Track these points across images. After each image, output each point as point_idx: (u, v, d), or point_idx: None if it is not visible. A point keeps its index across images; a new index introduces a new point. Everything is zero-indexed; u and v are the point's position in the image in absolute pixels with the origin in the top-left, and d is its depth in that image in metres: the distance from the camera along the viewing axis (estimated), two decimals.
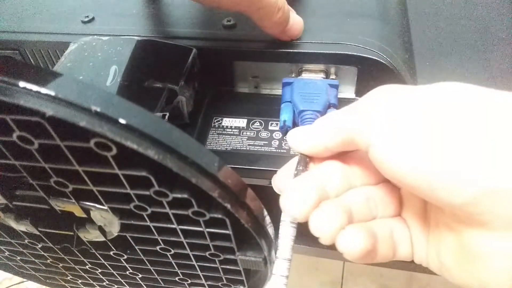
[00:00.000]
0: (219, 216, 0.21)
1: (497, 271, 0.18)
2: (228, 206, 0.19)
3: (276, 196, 0.24)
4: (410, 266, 0.44)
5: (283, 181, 0.24)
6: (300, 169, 0.24)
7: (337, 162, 0.23)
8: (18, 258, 0.33)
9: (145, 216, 0.22)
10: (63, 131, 0.17)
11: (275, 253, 0.23)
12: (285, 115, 0.33)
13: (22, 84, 0.16)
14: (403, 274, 1.08)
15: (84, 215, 0.24)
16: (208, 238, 0.23)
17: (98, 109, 0.16)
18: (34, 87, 0.16)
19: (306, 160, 0.24)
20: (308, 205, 0.21)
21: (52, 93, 0.16)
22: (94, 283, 0.34)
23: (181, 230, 0.23)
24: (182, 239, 0.24)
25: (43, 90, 0.16)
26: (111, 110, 0.16)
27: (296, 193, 0.21)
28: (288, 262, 0.23)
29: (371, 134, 0.20)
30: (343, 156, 0.24)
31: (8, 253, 0.32)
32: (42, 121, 0.16)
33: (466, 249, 0.19)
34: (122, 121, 0.16)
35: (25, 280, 0.46)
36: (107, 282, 0.34)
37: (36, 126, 0.17)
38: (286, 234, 0.23)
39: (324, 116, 0.23)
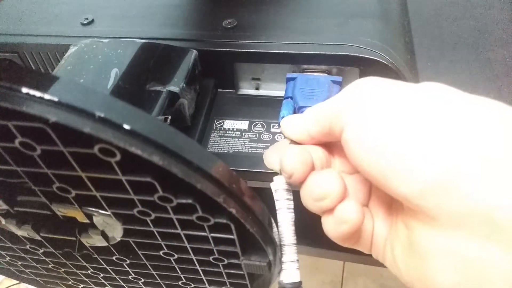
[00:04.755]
0: (224, 221, 0.20)
1: (441, 271, 0.18)
2: (233, 211, 0.19)
3: None
4: None
5: (274, 157, 0.25)
6: None
7: (320, 148, 0.24)
8: (19, 263, 0.32)
9: (148, 221, 0.22)
10: (66, 136, 0.17)
11: (280, 252, 0.23)
12: (285, 111, 0.33)
13: (24, 90, 0.16)
14: None
15: (87, 221, 0.23)
16: (212, 243, 0.23)
17: (102, 115, 0.16)
18: (37, 93, 0.15)
19: None
20: (307, 164, 0.22)
21: (55, 99, 0.16)
22: (96, 287, 0.34)
23: (185, 235, 0.23)
24: (186, 244, 0.23)
25: (46, 96, 0.16)
26: (115, 115, 0.16)
27: (295, 153, 0.22)
28: (294, 247, 0.23)
29: (345, 120, 0.21)
30: (327, 144, 0.25)
31: (9, 258, 0.32)
32: (45, 127, 0.16)
33: (415, 247, 0.19)
34: (126, 126, 0.16)
35: None
36: (109, 287, 0.33)
37: (39, 132, 0.17)
38: (286, 219, 0.23)
39: (312, 106, 0.24)
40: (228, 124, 0.35)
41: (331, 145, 0.25)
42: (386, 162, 0.18)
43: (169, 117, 0.29)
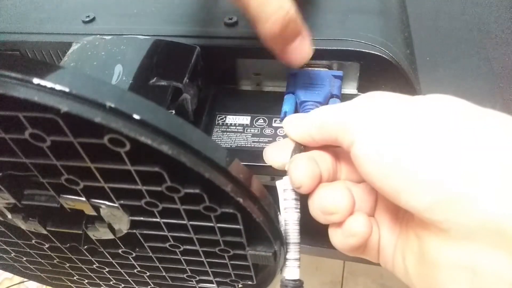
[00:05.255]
0: (231, 211, 0.21)
1: (452, 282, 0.19)
2: (241, 200, 0.19)
3: None
4: None
5: (276, 156, 0.25)
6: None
7: (327, 154, 0.24)
8: (24, 259, 0.32)
9: (155, 212, 0.22)
10: (76, 127, 0.18)
11: (285, 246, 0.24)
12: (286, 107, 0.33)
13: (36, 80, 0.16)
14: None
15: (94, 213, 0.24)
16: (218, 233, 0.23)
17: (113, 105, 0.16)
18: (48, 84, 0.16)
19: (300, 148, 0.25)
20: (316, 177, 0.23)
21: (67, 89, 0.16)
22: (100, 282, 0.34)
23: (192, 226, 0.23)
24: (192, 235, 0.24)
25: (58, 87, 0.16)
26: (125, 106, 0.16)
27: (303, 165, 0.23)
28: (298, 246, 0.24)
29: (355, 134, 0.21)
30: (333, 148, 0.25)
31: (14, 254, 0.32)
32: (56, 117, 0.16)
33: (426, 258, 0.20)
34: (136, 116, 0.16)
35: (25, 280, 0.46)
36: (114, 281, 0.34)
37: (48, 123, 0.17)
38: (292, 219, 0.24)
39: (319, 108, 0.24)
40: (230, 119, 0.36)
41: (338, 151, 0.25)
42: (397, 177, 0.19)
43: (173, 111, 0.30)
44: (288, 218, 0.24)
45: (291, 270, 0.24)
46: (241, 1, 0.25)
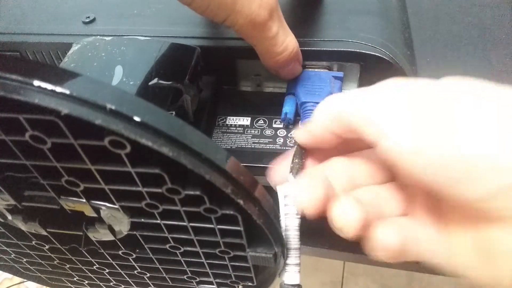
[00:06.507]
0: (231, 212, 0.21)
1: None
2: (241, 202, 0.19)
3: None
4: (410, 266, 0.44)
5: (279, 174, 0.25)
6: (296, 162, 0.24)
7: (342, 159, 0.24)
8: (24, 260, 0.32)
9: (156, 214, 0.22)
10: (76, 129, 0.17)
11: (285, 250, 0.24)
12: (287, 108, 0.33)
13: (36, 82, 0.16)
14: (403, 274, 1.09)
15: (94, 214, 0.24)
16: (218, 235, 0.23)
17: (113, 107, 0.16)
18: (49, 86, 0.16)
19: (302, 153, 0.24)
20: (320, 199, 0.21)
21: (67, 92, 0.16)
22: (100, 283, 0.34)
23: (192, 227, 0.23)
24: (193, 236, 0.24)
25: (58, 89, 0.16)
26: (125, 108, 0.16)
27: (307, 187, 0.22)
28: (298, 251, 0.24)
29: (384, 126, 0.19)
30: (347, 153, 0.24)
31: (14, 255, 0.32)
32: (57, 119, 0.16)
33: (486, 248, 0.19)
34: (136, 118, 0.16)
35: (25, 280, 0.46)
36: (114, 283, 0.34)
37: (49, 125, 0.17)
38: (293, 225, 0.24)
39: (331, 96, 0.23)
40: (231, 120, 0.36)
41: (353, 155, 0.24)
42: (450, 169, 0.18)
43: (173, 113, 0.30)
44: (289, 224, 0.24)
45: (291, 275, 0.24)
46: (250, 40, 0.29)
